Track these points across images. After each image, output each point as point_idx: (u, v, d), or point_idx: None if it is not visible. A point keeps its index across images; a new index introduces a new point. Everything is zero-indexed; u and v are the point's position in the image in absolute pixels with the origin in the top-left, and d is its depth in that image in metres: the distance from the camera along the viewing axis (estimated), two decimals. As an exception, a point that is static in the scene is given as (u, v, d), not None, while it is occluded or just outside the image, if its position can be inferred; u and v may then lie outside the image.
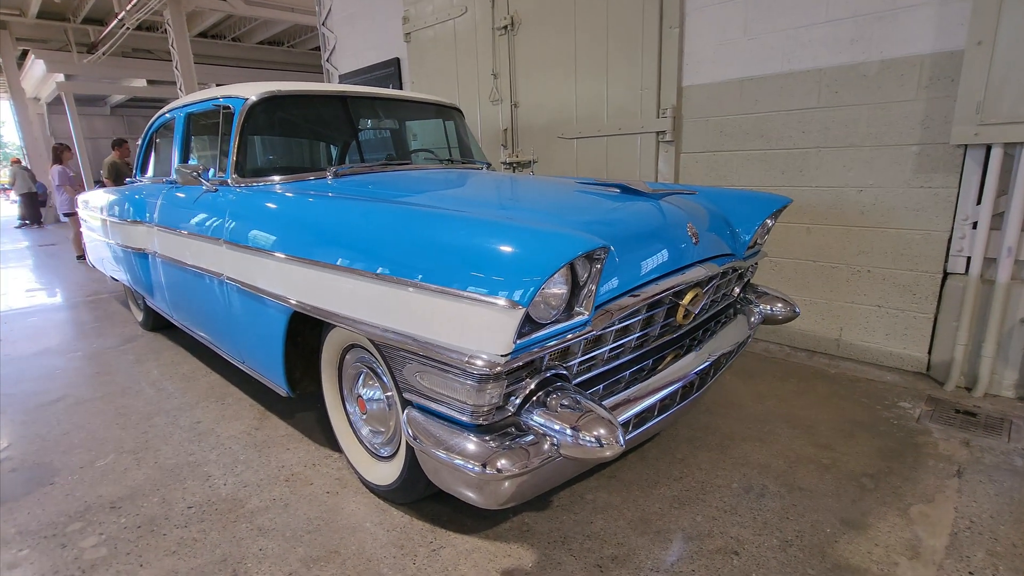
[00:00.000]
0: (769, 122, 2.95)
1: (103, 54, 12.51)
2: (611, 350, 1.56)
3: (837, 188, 2.80)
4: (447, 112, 3.07)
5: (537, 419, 1.30)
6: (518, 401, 1.32)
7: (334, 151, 2.71)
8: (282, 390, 2.07)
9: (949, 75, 2.39)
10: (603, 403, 1.41)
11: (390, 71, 5.30)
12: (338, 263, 1.55)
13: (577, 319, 1.33)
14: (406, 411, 1.43)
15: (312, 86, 2.52)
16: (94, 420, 2.49)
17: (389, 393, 1.70)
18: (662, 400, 1.61)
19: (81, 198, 4.36)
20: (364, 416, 1.84)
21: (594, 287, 1.33)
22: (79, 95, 14.99)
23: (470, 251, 1.28)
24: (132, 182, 3.59)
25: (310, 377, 2.10)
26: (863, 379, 2.67)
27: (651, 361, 1.71)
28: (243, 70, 15.99)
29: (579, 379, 1.51)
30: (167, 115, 3.07)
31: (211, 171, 2.43)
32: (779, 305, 2.25)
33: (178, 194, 2.70)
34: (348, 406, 1.93)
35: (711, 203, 2.15)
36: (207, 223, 2.31)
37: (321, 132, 2.69)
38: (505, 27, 4.00)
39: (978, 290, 2.42)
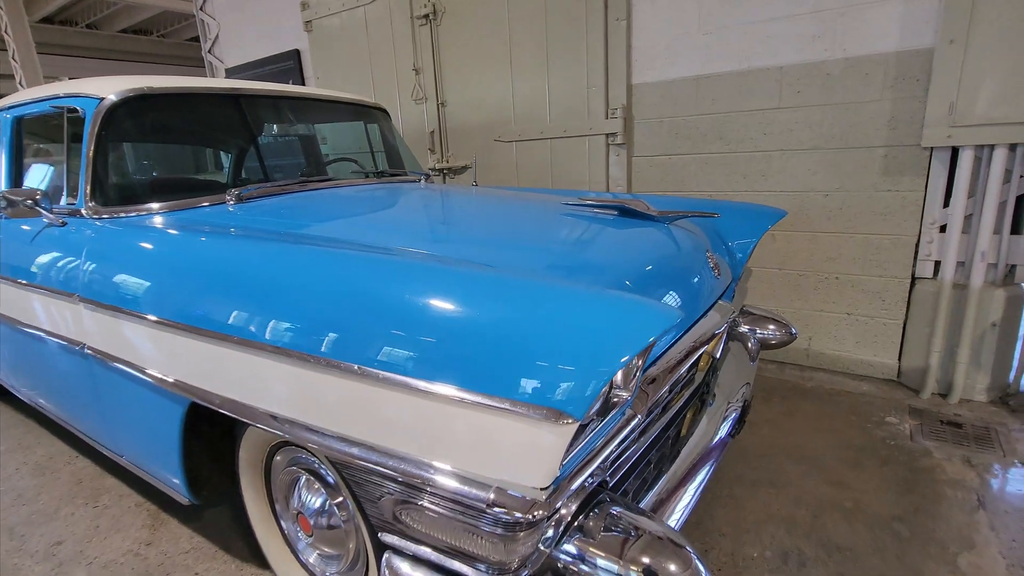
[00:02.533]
0: (728, 123, 2.76)
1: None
2: (643, 431, 1.21)
3: (802, 192, 2.66)
4: (370, 114, 2.57)
5: (579, 556, 0.92)
6: (555, 535, 0.92)
7: (230, 168, 2.13)
8: (182, 497, 1.52)
9: (915, 74, 2.30)
10: (649, 511, 1.06)
11: (288, 65, 4.61)
12: (257, 337, 1.06)
13: (618, 409, 0.96)
14: (384, 558, 0.99)
15: (196, 82, 1.93)
16: None
17: (345, 513, 1.22)
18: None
19: None
20: (310, 539, 1.34)
21: (642, 362, 0.97)
22: None
23: (479, 329, 0.86)
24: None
25: (222, 472, 1.56)
26: (841, 392, 2.56)
27: (673, 428, 1.39)
28: (105, 63, 13.96)
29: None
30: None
31: (61, 198, 1.78)
32: (772, 327, 2.02)
33: (7, 229, 1.99)
34: (284, 523, 1.43)
35: (700, 219, 1.87)
36: (53, 271, 1.67)
37: (214, 142, 2.09)
38: (426, 16, 3.53)
39: (951, 296, 2.36)
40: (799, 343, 2.86)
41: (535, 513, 0.79)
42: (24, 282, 1.79)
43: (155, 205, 1.73)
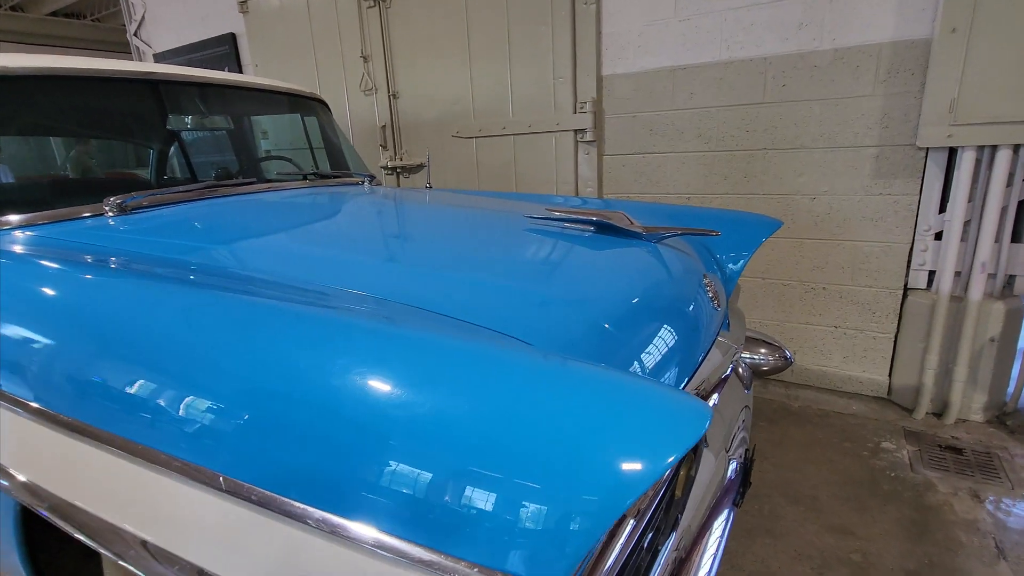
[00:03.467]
0: (708, 119, 2.52)
1: None
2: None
3: (787, 196, 2.45)
4: (306, 105, 2.21)
5: None
6: None
7: (111, 164, 1.73)
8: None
9: (910, 67, 2.10)
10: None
11: (224, 50, 4.16)
12: (123, 434, 0.73)
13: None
14: None
15: (68, 62, 1.54)
16: None
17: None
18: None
19: None
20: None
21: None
22: None
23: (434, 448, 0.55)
24: None
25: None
26: (831, 413, 2.36)
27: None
28: (32, 48, 12.92)
29: None
30: None
31: None
32: (763, 351, 1.78)
33: None
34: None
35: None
36: None
37: (100, 133, 1.69)
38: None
39: (947, 308, 2.18)
40: (783, 358, 2.65)
41: None
42: None
43: (13, 218, 1.35)
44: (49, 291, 0.97)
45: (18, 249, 1.22)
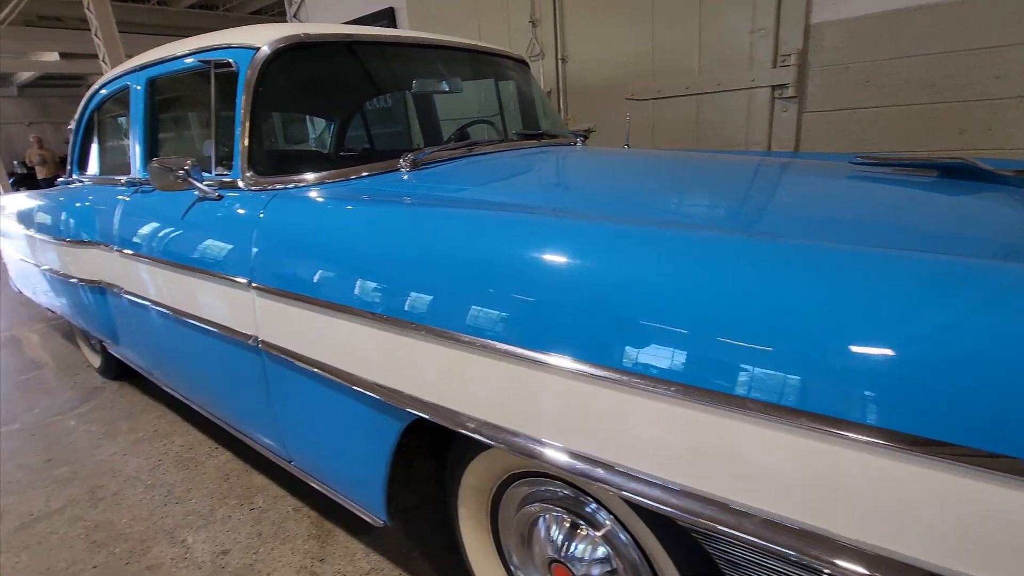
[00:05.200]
0: (943, 66, 2.27)
1: (2, 23, 10.65)
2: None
3: (1044, 150, 2.16)
4: (514, 68, 2.23)
5: None
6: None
7: (382, 130, 1.85)
8: (376, 519, 1.29)
9: None
10: None
11: (382, 25, 4.32)
12: (533, 344, 0.78)
13: None
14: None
15: (355, 30, 1.64)
16: (55, 558, 1.62)
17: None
18: None
19: (-6, 204, 3.28)
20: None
21: None
22: (-22, 74, 12.93)
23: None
24: (66, 182, 2.59)
25: (411, 489, 1.33)
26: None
27: None
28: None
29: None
30: (116, 83, 2.10)
31: (210, 168, 1.56)
32: None
33: (152, 203, 1.80)
34: (517, 566, 1.16)
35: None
36: (214, 251, 1.45)
37: (377, 100, 1.81)
38: (549, -42, 3.13)
39: None
40: None
41: None
42: (174, 264, 1.59)
43: (323, 174, 1.47)
44: (403, 228, 1.04)
45: (338, 195, 1.32)
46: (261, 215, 1.34)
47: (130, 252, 1.82)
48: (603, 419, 0.74)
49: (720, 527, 0.65)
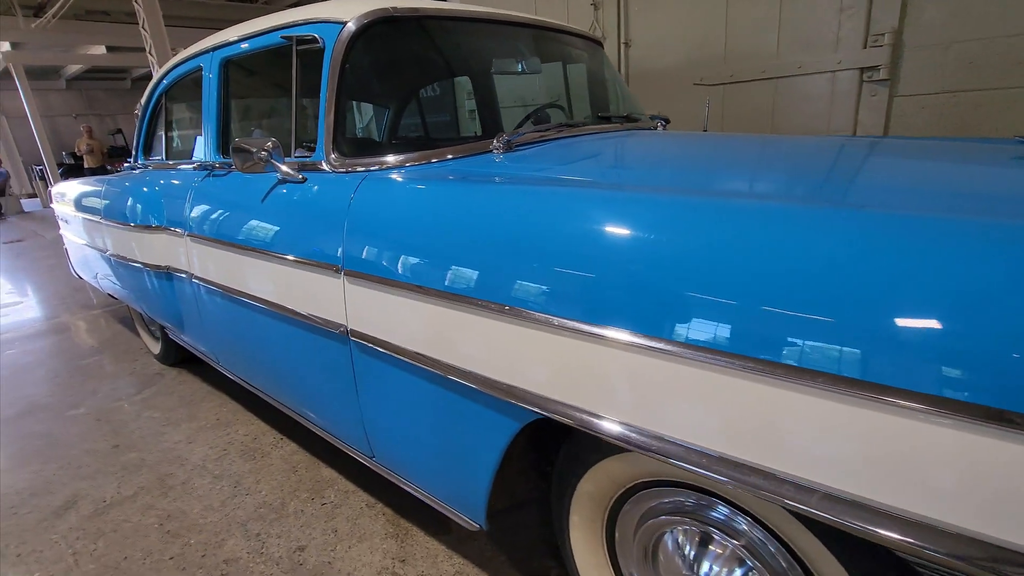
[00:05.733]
0: (1064, 44, 2.07)
1: (53, 17, 10.96)
2: None
3: None
4: (592, 49, 2.11)
5: None
6: None
7: (467, 110, 1.76)
8: (472, 523, 1.21)
9: None
10: None
11: (432, 12, 4.23)
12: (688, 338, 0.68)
13: None
14: None
15: (441, 5, 1.55)
16: (131, 547, 1.60)
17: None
18: None
19: (56, 190, 3.32)
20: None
21: None
22: (29, 67, 13.36)
23: None
24: (131, 167, 2.58)
25: (505, 490, 1.24)
26: None
27: None
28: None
29: None
30: (185, 66, 2.06)
31: (290, 149, 1.49)
32: None
33: (226, 187, 1.75)
34: (638, 582, 1.07)
35: None
36: (298, 236, 1.38)
37: (452, 79, 1.72)
38: (614, -63, 3.00)
39: None
40: None
41: None
42: (250, 248, 1.53)
43: (409, 155, 1.38)
44: (520, 211, 0.94)
45: (433, 177, 1.23)
46: (352, 198, 1.26)
47: (202, 237, 1.78)
48: (768, 424, 0.64)
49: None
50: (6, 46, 12.35)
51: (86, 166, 10.82)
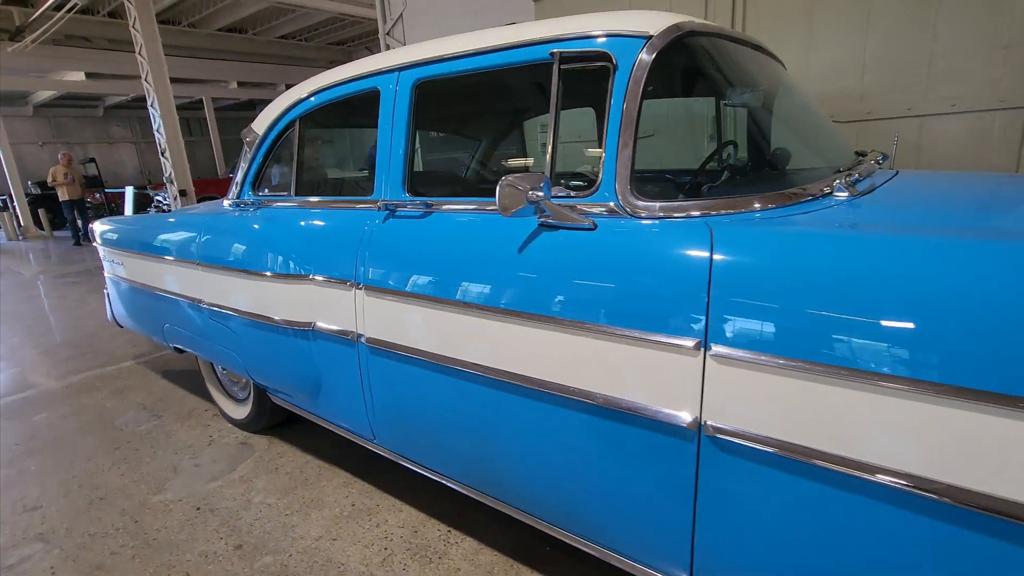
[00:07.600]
0: None
1: (32, 42, 10.39)
2: None
3: None
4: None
5: None
6: None
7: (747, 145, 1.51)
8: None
9: None
10: None
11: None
12: None
13: None
14: None
15: (722, 28, 1.32)
16: None
17: None
18: None
19: (102, 227, 2.88)
20: None
21: None
22: (1, 92, 12.63)
23: None
24: (236, 203, 2.20)
25: None
26: None
27: None
28: (199, 61, 14.10)
29: None
30: (346, 88, 1.74)
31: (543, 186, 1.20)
32: None
33: (431, 231, 1.44)
34: None
35: None
36: (606, 302, 1.09)
37: (738, 109, 1.48)
38: (732, -33, 2.88)
39: None
40: None
41: None
42: (512, 311, 1.22)
43: (718, 201, 1.12)
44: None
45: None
46: (712, 256, 0.98)
47: (397, 292, 1.45)
48: None
49: None
50: (-23, 70, 11.61)
51: (62, 198, 10.09)
